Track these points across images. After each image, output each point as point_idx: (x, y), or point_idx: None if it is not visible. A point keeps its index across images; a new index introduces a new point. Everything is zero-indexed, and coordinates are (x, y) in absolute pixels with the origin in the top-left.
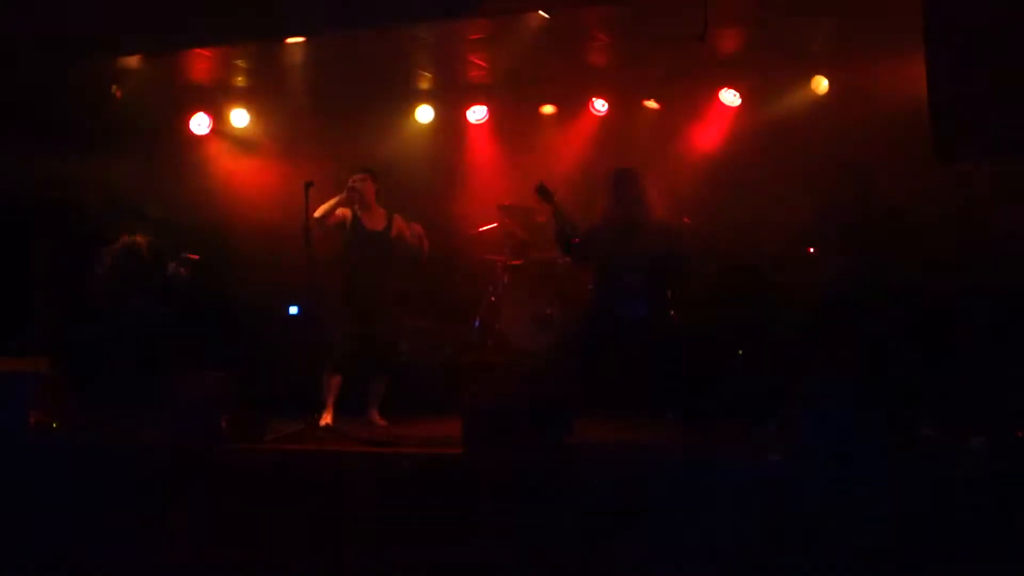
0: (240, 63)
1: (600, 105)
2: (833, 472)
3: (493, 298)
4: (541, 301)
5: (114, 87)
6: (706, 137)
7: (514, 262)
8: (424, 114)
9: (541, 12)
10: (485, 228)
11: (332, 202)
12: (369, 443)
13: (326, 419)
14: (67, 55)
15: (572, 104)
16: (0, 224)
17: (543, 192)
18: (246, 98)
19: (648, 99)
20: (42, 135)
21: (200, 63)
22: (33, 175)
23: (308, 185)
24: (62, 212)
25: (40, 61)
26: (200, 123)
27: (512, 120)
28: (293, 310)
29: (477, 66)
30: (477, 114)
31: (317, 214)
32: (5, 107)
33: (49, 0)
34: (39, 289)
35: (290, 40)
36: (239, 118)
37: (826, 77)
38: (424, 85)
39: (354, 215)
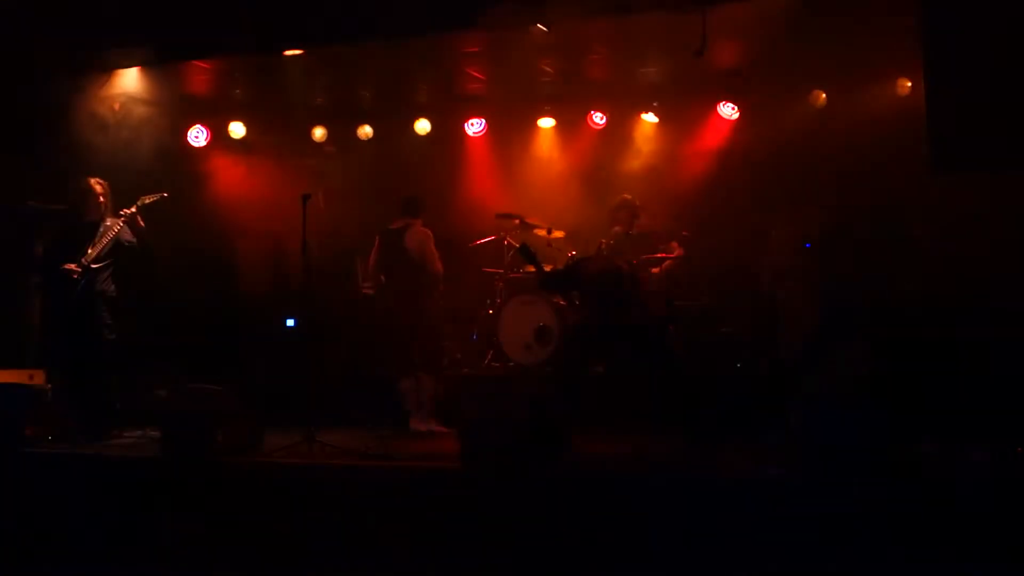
0: (238, 75)
1: (598, 118)
2: (833, 485)
3: (491, 311)
4: (539, 314)
5: (115, 101)
6: (704, 150)
7: (512, 275)
8: (422, 126)
9: (539, 26)
10: (483, 240)
11: None
12: (365, 457)
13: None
14: (67, 68)
15: (570, 117)
16: None
17: (525, 253)
18: (244, 110)
19: (646, 112)
20: (41, 147)
21: (198, 75)
22: (31, 188)
23: (306, 197)
24: (59, 225)
25: (40, 74)
26: (197, 135)
27: (510, 132)
28: (290, 322)
29: (475, 79)
30: (475, 127)
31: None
32: (5, 120)
33: (49, 11)
34: (35, 302)
35: (288, 52)
36: (237, 130)
37: (824, 90)
38: (422, 98)
39: None
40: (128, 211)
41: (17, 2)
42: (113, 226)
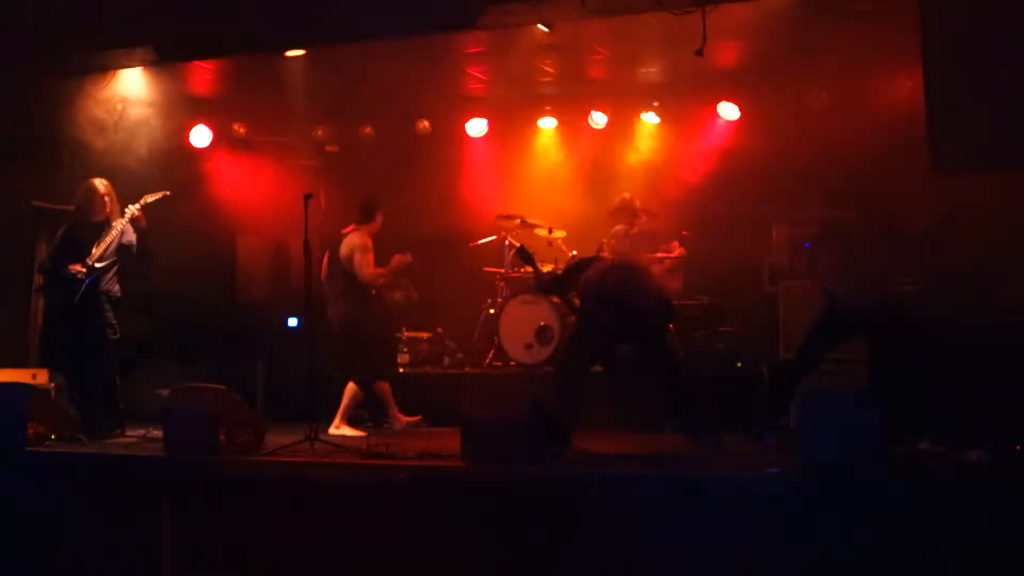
0: (240, 75)
1: (599, 118)
2: (833, 484)
3: (492, 310)
4: (540, 313)
5: (116, 101)
6: (705, 150)
7: (513, 274)
8: (424, 126)
9: (540, 26)
10: (484, 240)
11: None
12: (367, 456)
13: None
14: (68, 69)
15: (571, 117)
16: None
17: (524, 255)
18: (245, 110)
19: (647, 112)
20: (44, 148)
21: (200, 75)
22: (35, 189)
23: (308, 197)
24: (64, 226)
25: (41, 75)
26: (200, 135)
27: (511, 133)
28: (292, 322)
29: (476, 79)
30: (476, 127)
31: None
32: (7, 121)
33: (51, 12)
34: (39, 301)
35: (290, 53)
36: (237, 130)
37: (824, 90)
38: (423, 98)
39: None
40: (132, 210)
41: (17, 2)
42: (117, 226)
